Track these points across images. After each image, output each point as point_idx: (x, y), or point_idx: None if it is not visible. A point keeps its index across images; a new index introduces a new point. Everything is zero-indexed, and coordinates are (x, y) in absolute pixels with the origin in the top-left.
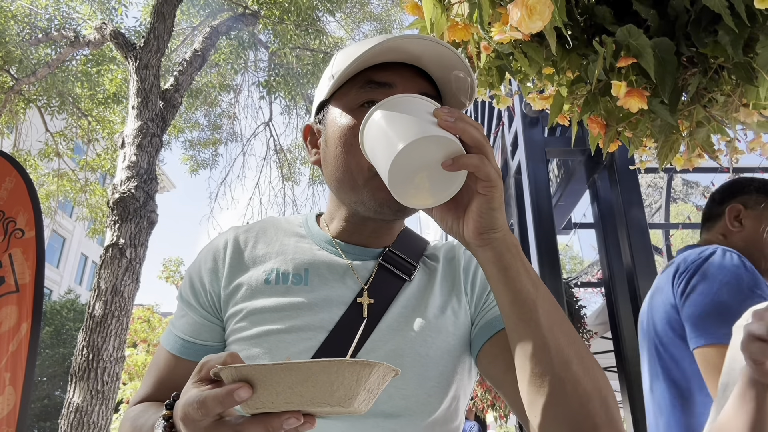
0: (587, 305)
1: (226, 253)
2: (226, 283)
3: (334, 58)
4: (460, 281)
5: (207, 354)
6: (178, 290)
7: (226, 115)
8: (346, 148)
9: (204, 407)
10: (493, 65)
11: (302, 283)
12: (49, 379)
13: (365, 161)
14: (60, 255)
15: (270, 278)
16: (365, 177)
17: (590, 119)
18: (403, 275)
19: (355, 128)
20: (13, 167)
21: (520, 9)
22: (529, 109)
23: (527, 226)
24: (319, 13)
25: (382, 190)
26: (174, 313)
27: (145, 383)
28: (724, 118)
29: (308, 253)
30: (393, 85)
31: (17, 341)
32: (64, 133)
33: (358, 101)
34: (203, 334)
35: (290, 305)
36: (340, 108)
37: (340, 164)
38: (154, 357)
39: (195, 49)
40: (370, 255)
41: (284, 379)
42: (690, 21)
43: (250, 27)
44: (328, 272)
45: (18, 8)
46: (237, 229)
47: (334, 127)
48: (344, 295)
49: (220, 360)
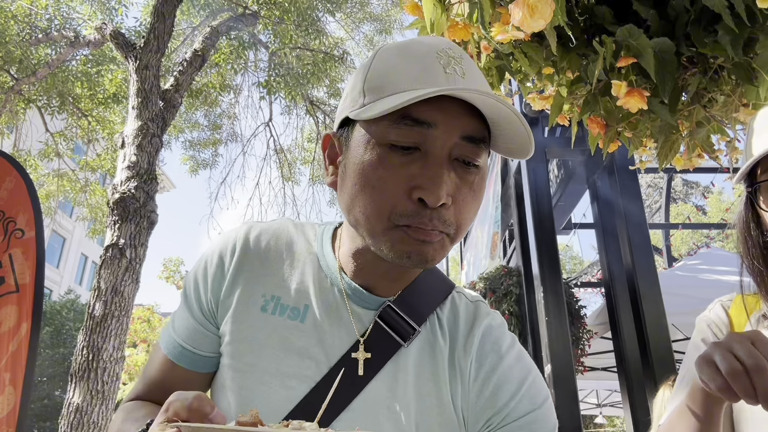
0: (587, 305)
1: (234, 256)
2: (227, 294)
3: (372, 61)
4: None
5: (202, 363)
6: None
7: (226, 116)
8: (365, 189)
9: None
10: (493, 65)
11: (298, 320)
12: (49, 379)
13: (387, 206)
14: (60, 255)
15: (267, 306)
16: (384, 226)
17: (590, 119)
18: (399, 339)
19: (380, 168)
20: (13, 167)
21: (522, 8)
22: (529, 109)
23: (527, 226)
24: (319, 13)
25: (402, 243)
26: (175, 310)
27: (140, 381)
28: (724, 118)
29: (312, 286)
30: (434, 125)
31: (17, 341)
32: (64, 133)
33: (387, 137)
34: (200, 342)
35: (280, 345)
36: (367, 134)
37: (357, 205)
38: (151, 354)
39: (195, 49)
40: (374, 304)
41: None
42: (690, 21)
43: (250, 27)
44: (326, 315)
45: (18, 8)
46: (250, 228)
47: (357, 159)
48: (336, 346)
49: (186, 402)
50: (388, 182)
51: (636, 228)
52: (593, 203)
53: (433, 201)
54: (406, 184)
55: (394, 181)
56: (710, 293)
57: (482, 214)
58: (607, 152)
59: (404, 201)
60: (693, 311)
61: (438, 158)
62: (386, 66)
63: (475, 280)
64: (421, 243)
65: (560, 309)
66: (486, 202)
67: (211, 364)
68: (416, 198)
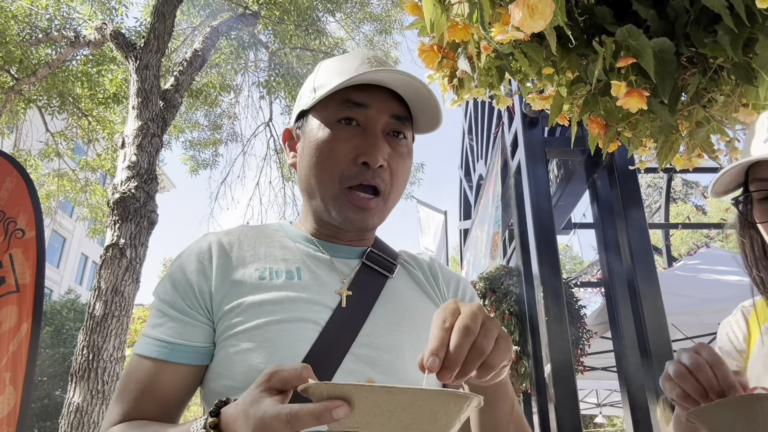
0: (587, 305)
1: (212, 253)
2: (219, 281)
3: (318, 69)
4: (439, 290)
5: (196, 355)
6: (154, 298)
7: (226, 116)
8: (320, 159)
9: (297, 421)
10: (492, 65)
11: (296, 278)
12: (49, 379)
13: (337, 170)
14: (60, 255)
15: (264, 275)
16: (335, 190)
17: (590, 119)
18: (385, 272)
19: (331, 141)
20: (13, 167)
21: (522, 9)
22: (529, 109)
23: (527, 226)
24: (319, 13)
25: (347, 208)
26: (147, 324)
27: (122, 400)
28: (724, 118)
29: (296, 252)
30: (368, 106)
31: (17, 341)
32: (65, 133)
33: (335, 117)
34: (191, 335)
35: (288, 298)
36: (318, 120)
37: (314, 174)
38: (126, 373)
39: (195, 49)
40: (353, 254)
41: (386, 402)
42: (690, 21)
43: (250, 27)
44: (317, 268)
45: (18, 8)
46: (216, 234)
47: (312, 138)
48: (333, 288)
49: (294, 372)
50: (338, 152)
51: (636, 228)
52: (593, 203)
53: (373, 162)
54: (352, 152)
55: (342, 151)
56: (710, 293)
57: (482, 214)
58: (606, 152)
59: (351, 165)
60: (693, 311)
61: (374, 131)
62: (328, 70)
63: (475, 280)
64: (360, 210)
65: (560, 309)
66: (486, 202)
67: (206, 355)
68: (360, 162)
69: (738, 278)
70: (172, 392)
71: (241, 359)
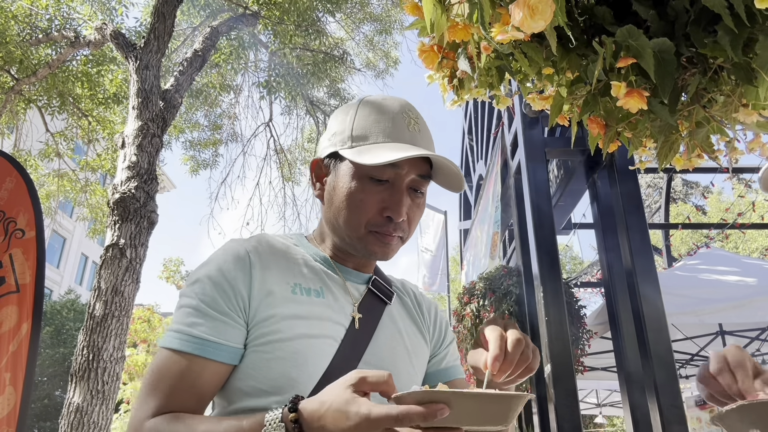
0: (587, 305)
1: (251, 261)
2: (257, 289)
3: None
4: (424, 319)
5: (234, 355)
6: (189, 297)
7: (226, 116)
8: (350, 206)
9: (407, 420)
10: (493, 65)
11: (321, 297)
12: (49, 379)
13: (364, 219)
14: (60, 255)
15: (295, 290)
16: (361, 233)
17: (590, 119)
18: (386, 299)
19: (362, 193)
20: (13, 167)
21: (522, 9)
22: (529, 110)
23: (527, 226)
24: (319, 13)
25: (372, 244)
26: (179, 318)
27: (158, 394)
28: (724, 118)
29: (319, 272)
30: (400, 167)
31: (17, 341)
32: (65, 133)
33: (369, 173)
34: (230, 335)
35: (316, 315)
36: (353, 168)
37: (342, 216)
38: (157, 366)
39: (195, 49)
40: (361, 279)
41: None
42: (690, 21)
43: (250, 27)
44: (335, 289)
45: (18, 8)
46: (245, 242)
47: (344, 184)
48: (348, 310)
49: (382, 377)
50: (367, 204)
51: (636, 228)
52: (593, 203)
53: (396, 218)
54: (379, 205)
55: (370, 203)
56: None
57: (482, 214)
58: (606, 152)
59: (377, 216)
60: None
61: (401, 189)
62: (367, 121)
63: (475, 280)
64: (384, 245)
65: (560, 309)
66: (486, 202)
67: (239, 355)
68: (386, 215)
69: (738, 278)
70: (210, 388)
71: (275, 366)
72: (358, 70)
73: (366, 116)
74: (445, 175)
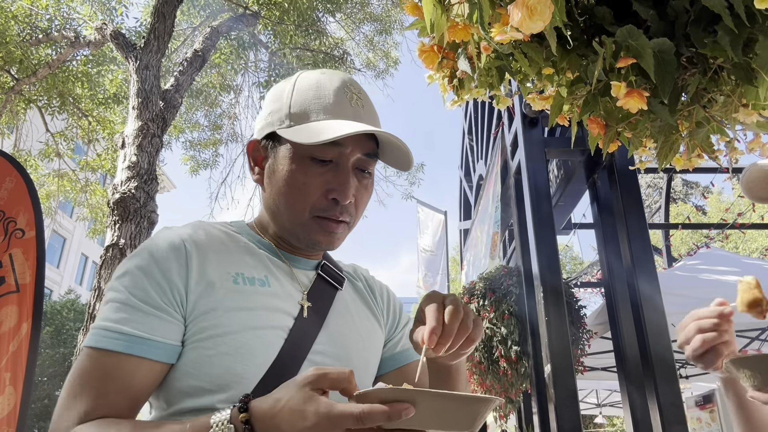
0: (587, 305)
1: (188, 250)
2: (198, 279)
3: (295, 87)
4: (377, 303)
5: (170, 353)
6: (116, 290)
7: (226, 116)
8: (291, 191)
9: (369, 419)
10: (493, 65)
11: (266, 285)
12: (49, 379)
13: (308, 203)
14: (60, 255)
15: (237, 280)
16: (305, 219)
17: (590, 119)
18: (337, 284)
19: (304, 176)
20: (13, 167)
21: (521, 9)
22: (529, 110)
23: (527, 226)
24: (319, 13)
25: (315, 233)
26: (105, 314)
27: (86, 397)
28: (724, 118)
29: (263, 259)
30: (344, 145)
31: (18, 341)
32: (65, 133)
33: (309, 153)
34: (164, 331)
35: (261, 305)
36: (292, 149)
37: (283, 202)
38: (82, 368)
39: (195, 49)
40: (309, 265)
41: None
42: (690, 21)
43: (250, 27)
44: (282, 277)
45: (18, 9)
46: (180, 230)
47: (283, 167)
48: (296, 298)
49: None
50: (309, 187)
51: (636, 228)
52: (593, 203)
53: (343, 200)
54: (323, 187)
55: (313, 186)
56: (710, 293)
57: (482, 214)
58: (606, 152)
59: (321, 200)
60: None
61: (346, 169)
62: (305, 97)
63: (475, 280)
64: (329, 234)
65: (560, 309)
66: (486, 202)
67: (176, 353)
68: (331, 198)
69: (738, 278)
70: (145, 389)
71: (218, 362)
72: (358, 70)
73: (304, 92)
74: (393, 153)
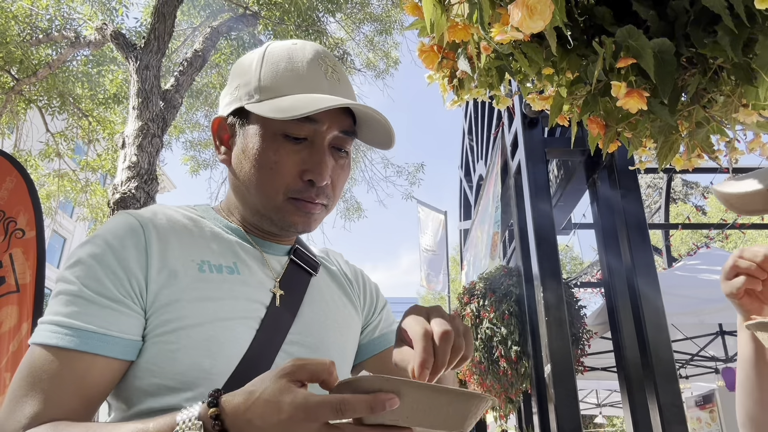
0: (587, 305)
1: (147, 236)
2: (159, 268)
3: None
4: (353, 288)
5: (129, 348)
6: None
7: None
8: (262, 171)
9: (348, 409)
10: (492, 65)
11: (235, 273)
12: None
13: (282, 185)
14: (61, 255)
15: (203, 268)
16: (279, 202)
17: (590, 120)
18: (311, 270)
19: (275, 155)
20: (13, 167)
21: (521, 9)
22: (529, 110)
23: (527, 226)
24: (320, 14)
25: (291, 214)
26: (55, 308)
27: (34, 398)
28: (724, 118)
29: (231, 245)
30: (319, 122)
31: (18, 341)
32: (65, 133)
33: (282, 130)
34: (121, 325)
35: (230, 294)
36: (262, 126)
37: (254, 184)
38: (31, 366)
39: (195, 49)
40: (282, 251)
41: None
42: (689, 21)
43: (250, 28)
44: (252, 263)
45: (19, 9)
46: (138, 214)
47: (253, 145)
48: (268, 286)
49: (323, 365)
50: (282, 167)
51: (636, 228)
52: (593, 203)
53: (319, 181)
54: (297, 168)
55: (287, 166)
56: (710, 293)
57: (482, 214)
58: (606, 153)
59: (296, 180)
60: (693, 311)
61: (322, 148)
62: (276, 70)
63: (475, 280)
64: (305, 215)
65: (560, 309)
66: (486, 203)
67: (136, 349)
68: (306, 179)
69: None
70: (101, 389)
71: (183, 357)
72: (358, 70)
73: (275, 64)
74: (372, 130)
